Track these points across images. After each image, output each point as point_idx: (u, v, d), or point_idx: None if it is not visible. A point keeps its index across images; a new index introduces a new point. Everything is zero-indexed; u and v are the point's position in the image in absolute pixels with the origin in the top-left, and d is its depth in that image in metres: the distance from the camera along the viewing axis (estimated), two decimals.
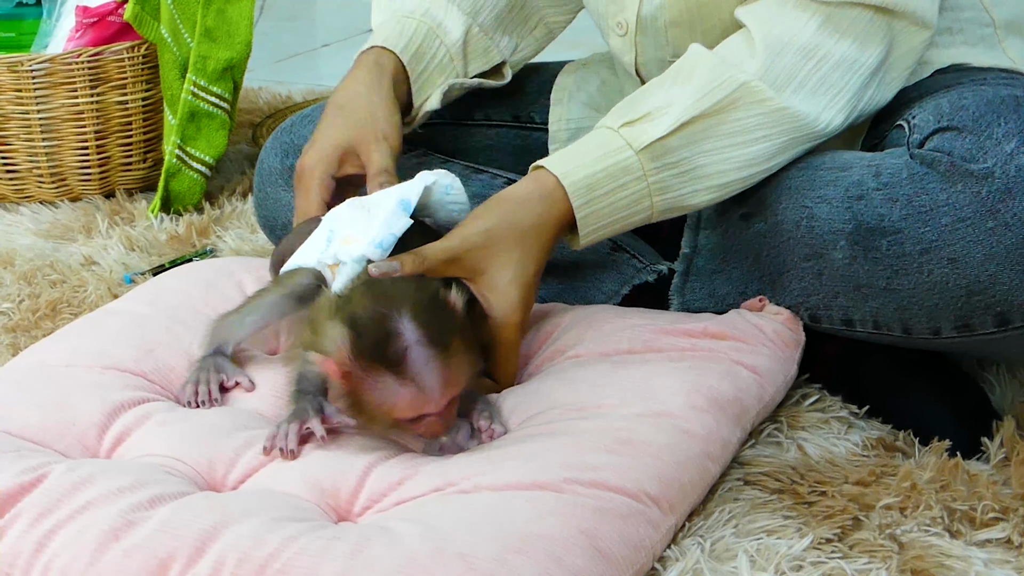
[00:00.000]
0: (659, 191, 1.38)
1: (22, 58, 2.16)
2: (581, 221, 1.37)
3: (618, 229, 1.40)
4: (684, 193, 1.39)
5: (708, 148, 1.39)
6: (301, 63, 3.53)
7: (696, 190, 1.39)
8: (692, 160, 1.38)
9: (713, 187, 1.40)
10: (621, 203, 1.38)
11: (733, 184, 1.41)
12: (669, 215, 1.42)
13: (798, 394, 1.44)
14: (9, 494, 1.16)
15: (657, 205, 1.39)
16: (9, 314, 1.77)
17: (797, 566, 1.16)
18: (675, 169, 1.38)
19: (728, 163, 1.39)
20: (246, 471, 1.24)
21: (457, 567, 1.03)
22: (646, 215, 1.40)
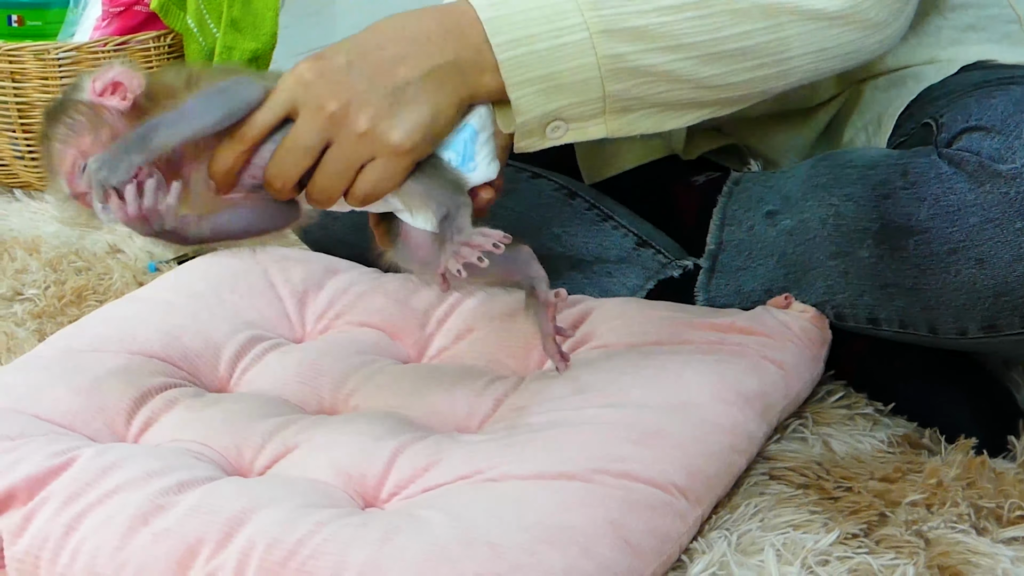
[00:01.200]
0: (591, 6, 1.19)
1: (48, 46, 2.17)
2: (505, 61, 1.18)
3: (553, 82, 1.19)
4: (628, 12, 1.20)
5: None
6: None
7: (641, 10, 1.20)
8: None
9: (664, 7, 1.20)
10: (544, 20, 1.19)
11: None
12: (620, 60, 1.20)
13: (823, 390, 1.44)
14: (38, 477, 1.16)
15: (597, 39, 1.19)
16: (35, 300, 1.78)
17: (823, 560, 1.16)
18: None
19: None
20: (273, 457, 1.24)
21: (486, 556, 1.03)
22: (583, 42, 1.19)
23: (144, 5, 2.22)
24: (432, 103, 1.18)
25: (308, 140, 1.17)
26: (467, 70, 1.18)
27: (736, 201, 1.50)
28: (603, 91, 1.20)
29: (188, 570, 1.07)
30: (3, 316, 1.73)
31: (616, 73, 1.19)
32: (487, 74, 1.19)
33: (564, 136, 1.23)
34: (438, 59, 1.18)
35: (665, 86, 1.22)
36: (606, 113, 1.22)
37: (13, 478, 1.16)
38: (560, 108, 1.20)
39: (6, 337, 1.65)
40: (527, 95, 1.19)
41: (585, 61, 1.18)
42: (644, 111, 1.23)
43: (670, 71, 1.21)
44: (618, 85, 1.20)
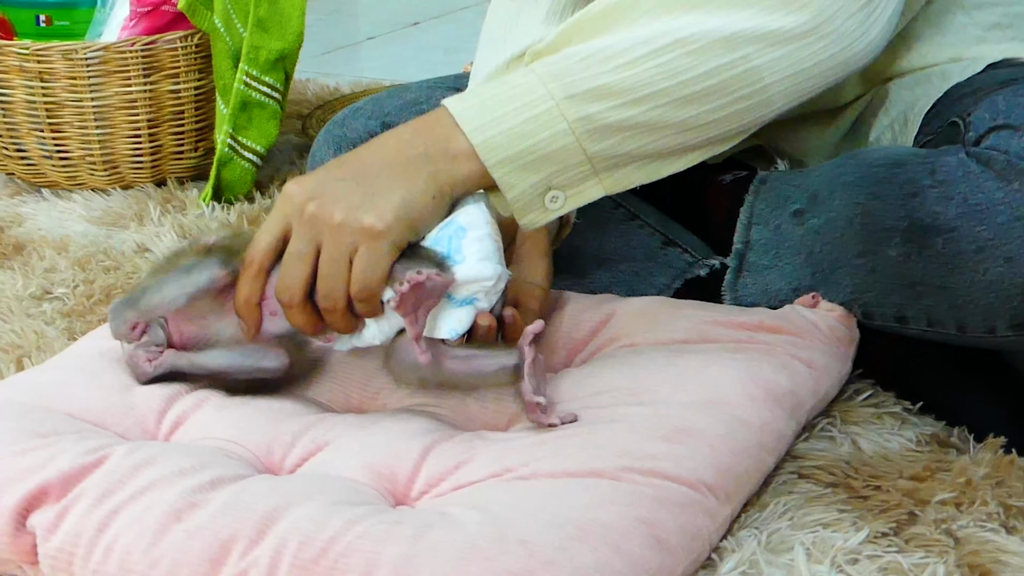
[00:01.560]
0: (552, 78, 1.21)
1: (76, 46, 2.17)
2: (480, 146, 1.21)
3: (533, 156, 1.21)
4: (589, 75, 1.21)
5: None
6: (346, 56, 3.55)
7: (601, 71, 1.21)
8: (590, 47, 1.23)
9: (621, 64, 1.21)
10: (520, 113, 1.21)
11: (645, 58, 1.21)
12: (588, 121, 1.21)
13: (851, 389, 1.44)
14: (72, 474, 1.17)
15: (564, 105, 1.20)
16: (64, 299, 1.79)
17: (853, 559, 1.16)
18: (575, 59, 1.22)
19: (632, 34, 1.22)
20: (303, 455, 1.25)
21: (518, 553, 1.04)
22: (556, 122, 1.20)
23: (172, 5, 2.23)
24: (404, 187, 1.21)
25: (298, 246, 1.22)
26: (438, 158, 1.21)
27: (763, 200, 1.50)
28: (585, 154, 1.21)
29: (221, 567, 1.08)
30: (32, 315, 1.74)
31: (591, 134, 1.21)
32: (462, 161, 1.21)
33: (564, 204, 1.24)
34: (408, 151, 1.22)
35: (648, 137, 1.22)
36: (598, 173, 1.23)
37: (46, 475, 1.17)
38: (547, 177, 1.22)
39: (36, 336, 1.66)
40: (509, 172, 1.21)
41: (557, 129, 1.20)
42: (635, 164, 1.24)
43: (645, 121, 1.21)
44: (599, 145, 1.21)
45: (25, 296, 1.80)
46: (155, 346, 1.34)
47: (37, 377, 1.38)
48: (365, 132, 1.65)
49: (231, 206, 2.17)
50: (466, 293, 1.26)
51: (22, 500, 1.15)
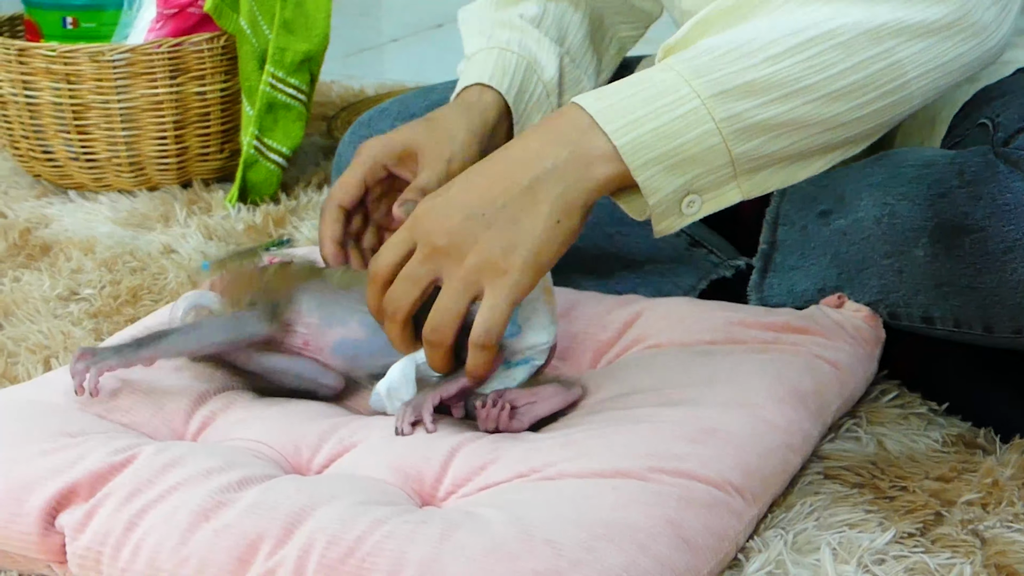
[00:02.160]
0: (695, 75, 1.16)
1: (103, 48, 2.18)
2: (624, 147, 1.15)
3: (678, 157, 1.16)
4: (734, 71, 1.16)
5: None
6: (371, 58, 3.56)
7: (746, 66, 1.16)
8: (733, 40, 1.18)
9: (769, 57, 1.16)
10: (664, 113, 1.16)
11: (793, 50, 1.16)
12: (736, 120, 1.16)
13: (877, 390, 1.44)
14: (100, 474, 1.18)
15: (711, 103, 1.15)
16: (91, 300, 1.80)
17: (879, 559, 1.16)
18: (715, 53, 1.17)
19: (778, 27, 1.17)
20: (331, 455, 1.25)
21: (545, 553, 1.04)
22: (702, 121, 1.16)
23: (198, 7, 2.24)
24: (529, 226, 1.16)
25: (416, 271, 1.19)
26: (570, 169, 1.16)
27: (789, 201, 1.50)
28: (730, 155, 1.16)
29: (249, 566, 1.08)
30: (60, 315, 1.75)
31: (738, 133, 1.15)
32: (599, 165, 1.16)
33: (701, 209, 1.19)
34: (536, 167, 1.17)
35: (793, 137, 1.17)
36: (738, 176, 1.18)
37: (75, 475, 1.17)
38: (690, 180, 1.17)
39: (63, 336, 1.66)
40: (654, 175, 1.15)
41: (705, 128, 1.15)
42: (776, 166, 1.19)
43: (794, 119, 1.16)
44: (744, 145, 1.16)
45: (52, 297, 1.81)
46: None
47: (65, 377, 1.38)
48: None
49: (257, 207, 2.18)
50: (520, 357, 1.28)
51: (51, 500, 1.16)
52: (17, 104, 2.24)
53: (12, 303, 1.77)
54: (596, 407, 1.28)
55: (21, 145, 2.29)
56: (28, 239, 2.04)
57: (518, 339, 1.28)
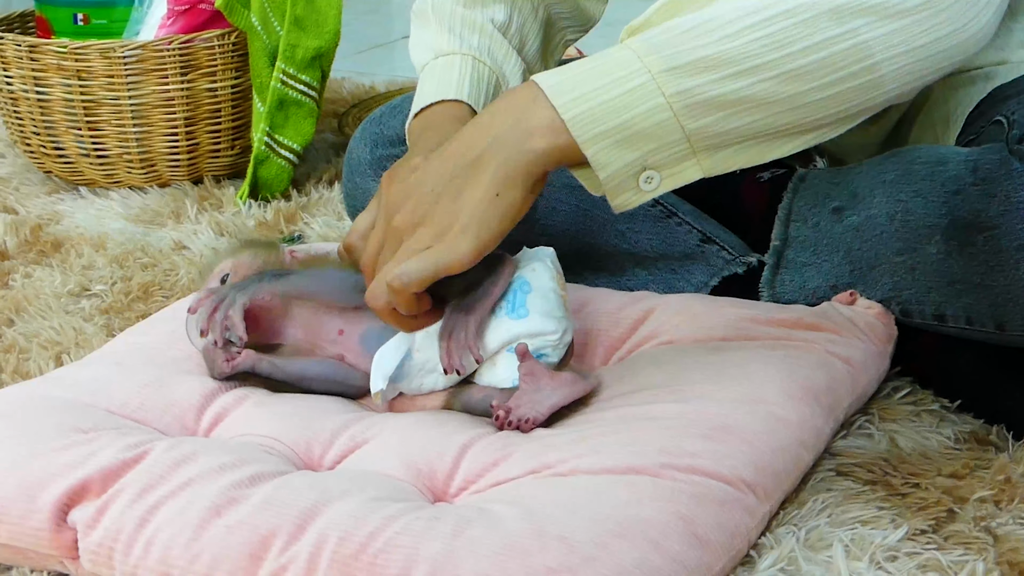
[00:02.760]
0: (649, 51, 1.15)
1: (114, 44, 2.18)
2: (571, 121, 1.15)
3: (628, 131, 1.15)
4: (689, 47, 1.14)
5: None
6: (381, 55, 3.56)
7: (702, 43, 1.14)
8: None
9: (724, 36, 1.14)
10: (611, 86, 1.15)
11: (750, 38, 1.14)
12: (686, 94, 1.14)
13: (889, 387, 1.44)
14: (112, 470, 1.18)
15: (661, 78, 1.14)
16: (102, 296, 1.80)
17: (892, 556, 1.16)
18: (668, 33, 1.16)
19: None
20: (343, 452, 1.25)
21: (558, 549, 1.04)
22: (650, 95, 1.14)
23: (209, 3, 2.24)
24: (473, 191, 1.18)
25: (384, 258, 1.23)
26: (510, 140, 1.17)
27: (802, 197, 1.50)
28: (683, 131, 1.14)
29: (261, 562, 1.08)
30: (71, 311, 1.75)
31: (690, 109, 1.14)
32: (540, 137, 1.16)
33: (660, 185, 1.18)
34: (490, 134, 1.18)
35: (752, 115, 1.15)
36: (696, 153, 1.16)
37: (87, 470, 1.17)
38: (643, 156, 1.15)
39: (75, 332, 1.67)
40: (603, 148, 1.14)
41: (654, 103, 1.13)
42: (737, 145, 1.18)
43: (749, 96, 1.14)
44: (698, 122, 1.14)
45: (63, 293, 1.81)
46: (234, 346, 1.35)
47: (77, 373, 1.39)
48: (402, 130, 1.66)
49: (268, 204, 2.18)
50: (533, 347, 1.27)
51: (63, 496, 1.16)
52: (28, 100, 2.24)
53: (24, 299, 1.77)
54: (608, 404, 1.28)
55: (32, 141, 2.29)
56: (39, 235, 2.04)
57: (524, 322, 1.27)
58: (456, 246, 1.18)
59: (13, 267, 1.91)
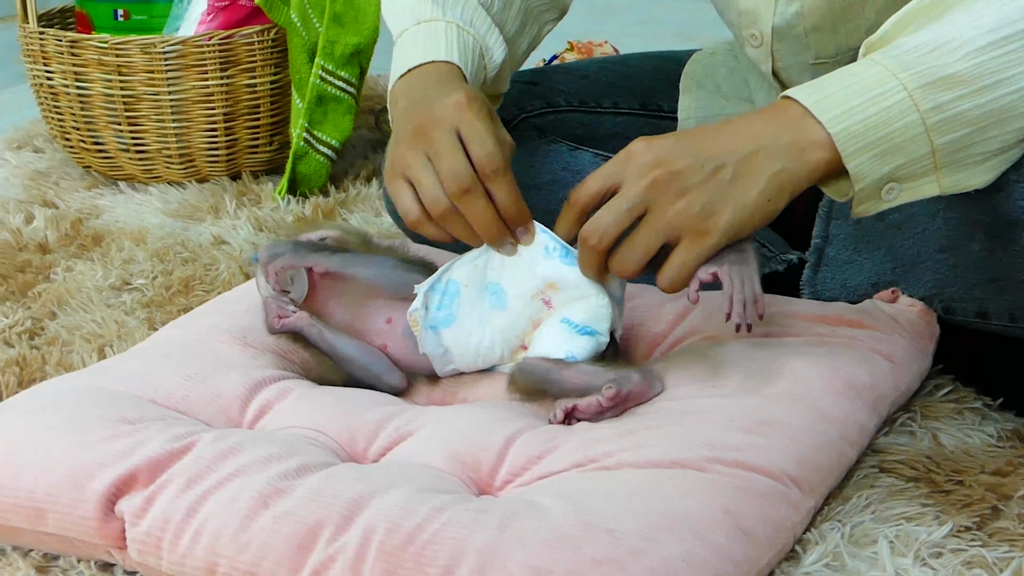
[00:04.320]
0: (902, 68, 1.20)
1: (155, 40, 2.19)
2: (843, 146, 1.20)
3: (885, 145, 1.20)
4: (937, 64, 1.19)
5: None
6: None
7: (949, 61, 1.19)
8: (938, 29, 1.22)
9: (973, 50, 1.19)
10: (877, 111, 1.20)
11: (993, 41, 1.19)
12: (940, 112, 1.19)
13: (931, 384, 1.44)
14: (159, 460, 1.18)
15: (916, 94, 1.19)
16: (143, 290, 1.81)
17: (937, 553, 1.16)
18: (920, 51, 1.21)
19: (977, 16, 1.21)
20: (387, 444, 1.25)
21: (605, 542, 1.04)
22: (913, 120, 1.19)
23: (249, 0, 2.25)
24: (744, 190, 1.21)
25: (630, 202, 1.22)
26: (785, 151, 1.21)
27: None
28: (931, 146, 1.20)
29: (309, 553, 1.08)
30: (113, 305, 1.76)
31: (941, 124, 1.19)
32: (811, 151, 1.20)
33: (899, 197, 1.24)
34: (757, 141, 1.21)
35: (993, 131, 1.20)
36: (937, 169, 1.21)
37: (135, 461, 1.18)
38: (894, 169, 1.21)
39: (117, 325, 1.68)
40: (863, 162, 1.20)
41: (910, 119, 1.19)
42: (977, 165, 1.23)
43: (993, 110, 1.19)
44: (945, 137, 1.19)
45: (105, 286, 1.82)
46: (292, 304, 1.37)
47: (122, 365, 1.40)
48: None
49: (306, 199, 2.19)
50: (582, 318, 1.29)
51: (111, 486, 1.17)
52: (68, 95, 2.25)
53: (66, 292, 1.78)
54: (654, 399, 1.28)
55: (72, 136, 2.30)
56: (80, 229, 2.05)
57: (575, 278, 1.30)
58: (717, 244, 1.22)
59: (55, 261, 1.92)
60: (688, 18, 1.86)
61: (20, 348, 1.62)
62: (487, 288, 1.33)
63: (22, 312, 1.73)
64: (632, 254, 1.23)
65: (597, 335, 1.30)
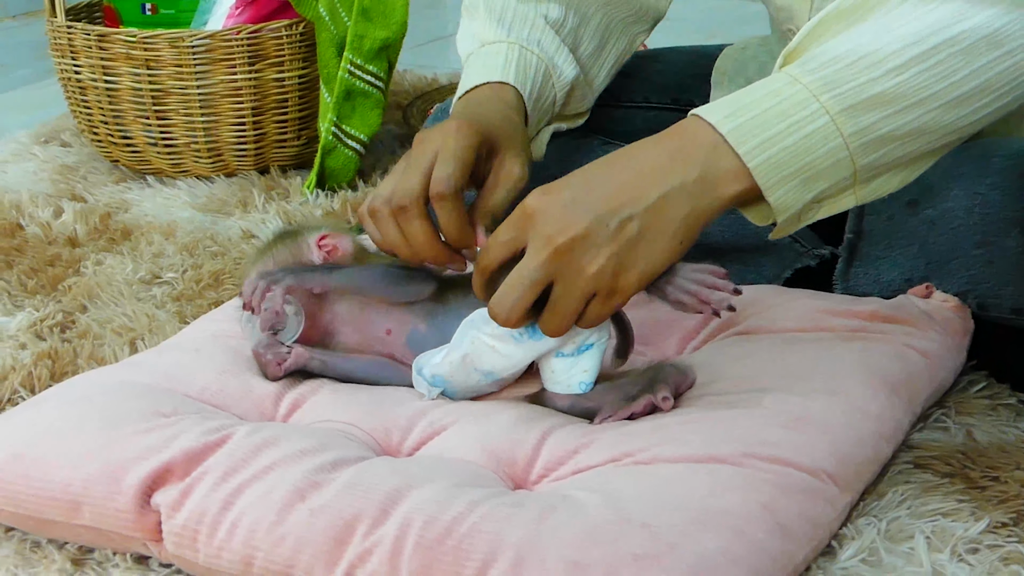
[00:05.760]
0: (823, 89, 1.15)
1: (183, 34, 2.19)
2: (749, 159, 1.14)
3: (807, 174, 1.16)
4: (860, 83, 1.15)
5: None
6: (440, 48, 3.56)
7: (872, 78, 1.15)
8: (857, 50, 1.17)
9: (893, 68, 1.15)
10: (791, 131, 1.15)
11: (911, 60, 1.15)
12: (862, 135, 1.16)
13: (965, 380, 1.43)
14: (195, 453, 1.19)
15: (839, 119, 1.15)
16: (173, 284, 1.81)
17: (973, 549, 1.16)
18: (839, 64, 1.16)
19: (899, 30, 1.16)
20: (421, 438, 1.25)
21: (642, 537, 1.04)
22: (830, 136, 1.16)
23: None
24: (655, 242, 1.16)
25: (535, 274, 1.16)
26: (699, 190, 1.15)
27: None
28: (854, 167, 1.17)
29: (346, 546, 1.09)
30: (143, 298, 1.76)
31: (864, 147, 1.16)
32: (726, 183, 1.15)
33: (818, 214, 1.21)
34: (665, 182, 1.15)
35: (913, 144, 1.18)
36: (855, 185, 1.19)
37: (170, 453, 1.18)
38: (817, 194, 1.17)
39: (148, 319, 1.68)
40: (786, 192, 1.16)
41: (833, 144, 1.15)
42: (891, 172, 1.20)
43: (917, 128, 1.16)
44: (868, 157, 1.17)
45: (135, 280, 1.82)
46: (283, 347, 1.34)
47: (155, 359, 1.40)
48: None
49: (335, 194, 2.19)
50: (579, 342, 1.26)
51: (147, 478, 1.17)
52: (96, 90, 2.26)
53: (96, 286, 1.79)
54: (688, 395, 1.28)
55: (100, 130, 2.30)
56: (108, 223, 2.05)
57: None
58: (629, 297, 1.18)
59: (84, 254, 1.92)
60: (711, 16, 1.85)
61: (52, 341, 1.63)
62: (475, 371, 1.30)
63: (53, 305, 1.74)
64: (556, 319, 1.19)
65: (595, 343, 1.27)
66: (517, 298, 1.17)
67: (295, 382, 1.34)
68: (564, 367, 1.27)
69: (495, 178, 1.31)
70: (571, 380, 1.27)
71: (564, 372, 1.27)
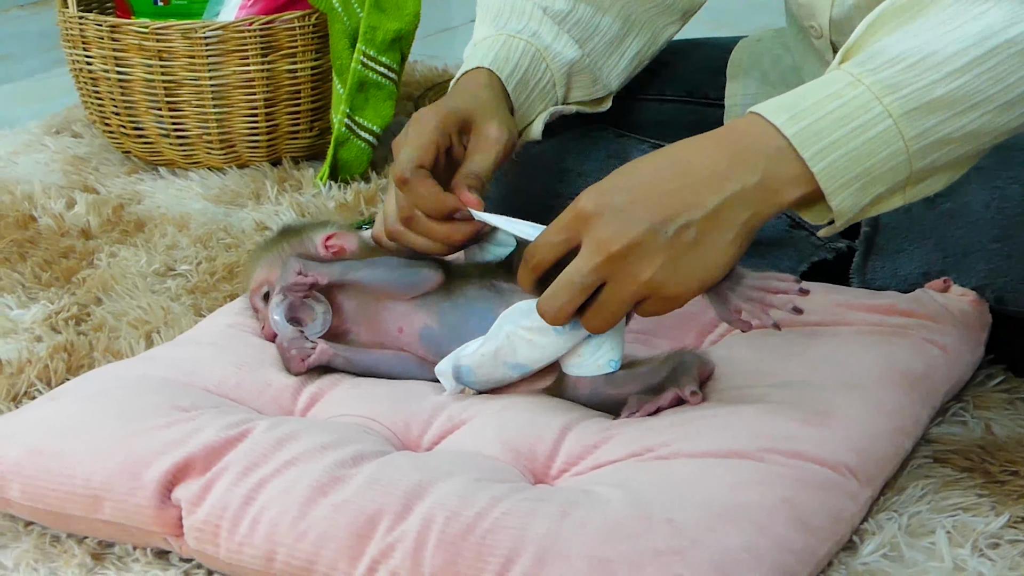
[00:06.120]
0: (886, 91, 1.14)
1: (196, 25, 2.19)
2: (820, 171, 1.13)
3: (867, 178, 1.15)
4: (922, 86, 1.14)
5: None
6: (449, 38, 3.56)
7: (934, 80, 1.14)
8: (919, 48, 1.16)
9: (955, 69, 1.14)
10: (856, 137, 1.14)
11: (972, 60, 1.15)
12: (926, 136, 1.15)
13: (983, 375, 1.43)
14: (215, 447, 1.19)
15: (902, 122, 1.14)
16: (187, 276, 1.81)
17: (994, 543, 1.16)
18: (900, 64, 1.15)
19: (957, 33, 1.15)
20: (441, 433, 1.25)
21: (664, 532, 1.04)
22: (894, 142, 1.15)
23: None
24: (712, 251, 1.15)
25: (587, 279, 1.16)
26: (758, 195, 1.14)
27: None
28: (910, 170, 1.16)
29: (368, 541, 1.09)
30: (157, 291, 1.76)
31: (923, 150, 1.15)
32: (788, 189, 1.14)
33: (868, 213, 1.20)
34: (726, 189, 1.14)
35: (967, 147, 1.17)
36: (907, 186, 1.18)
37: (190, 448, 1.18)
38: (874, 198, 1.17)
39: (163, 312, 1.68)
40: (847, 197, 1.15)
41: (894, 148, 1.14)
42: (937, 175, 1.20)
43: (972, 131, 1.16)
44: (924, 161, 1.16)
45: (149, 272, 1.82)
46: (307, 342, 1.34)
47: (172, 353, 1.40)
48: None
49: (347, 185, 2.19)
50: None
51: (167, 473, 1.17)
52: (108, 80, 2.25)
53: (111, 278, 1.78)
54: (708, 390, 1.28)
55: (112, 121, 2.30)
56: (122, 215, 2.05)
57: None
58: (679, 303, 1.18)
59: (97, 246, 1.92)
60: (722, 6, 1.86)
61: (67, 334, 1.63)
62: (504, 364, 1.29)
63: (68, 298, 1.74)
64: (602, 318, 1.18)
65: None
66: (567, 300, 1.17)
67: (313, 376, 1.34)
68: (591, 349, 1.26)
69: (474, 145, 1.35)
70: (599, 360, 1.27)
71: (591, 354, 1.27)
